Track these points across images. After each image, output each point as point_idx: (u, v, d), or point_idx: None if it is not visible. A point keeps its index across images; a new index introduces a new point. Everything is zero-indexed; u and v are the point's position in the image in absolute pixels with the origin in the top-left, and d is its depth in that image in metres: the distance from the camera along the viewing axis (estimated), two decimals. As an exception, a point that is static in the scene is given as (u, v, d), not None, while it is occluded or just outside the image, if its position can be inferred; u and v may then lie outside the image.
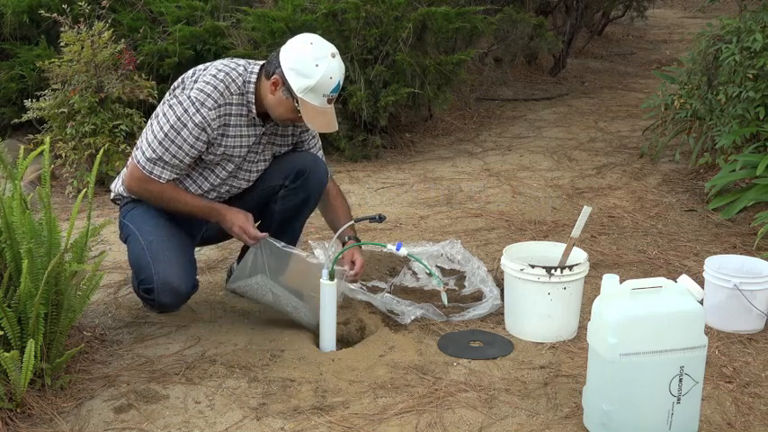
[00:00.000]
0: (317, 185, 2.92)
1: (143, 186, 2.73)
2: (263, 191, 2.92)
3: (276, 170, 2.90)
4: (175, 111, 2.65)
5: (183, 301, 2.86)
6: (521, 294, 2.78)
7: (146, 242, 2.73)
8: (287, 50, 2.66)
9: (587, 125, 6.04)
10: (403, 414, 2.34)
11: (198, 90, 2.65)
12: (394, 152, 5.32)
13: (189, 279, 2.76)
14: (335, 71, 2.63)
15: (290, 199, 2.90)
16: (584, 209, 2.73)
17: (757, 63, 4.07)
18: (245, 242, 2.81)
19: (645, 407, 2.17)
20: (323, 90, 2.62)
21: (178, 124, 2.64)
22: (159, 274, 2.68)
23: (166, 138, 2.65)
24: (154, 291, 2.71)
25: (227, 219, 2.77)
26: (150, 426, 2.29)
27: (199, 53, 5.19)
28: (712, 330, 2.82)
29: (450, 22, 5.21)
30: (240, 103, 2.71)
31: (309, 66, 2.60)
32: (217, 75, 2.68)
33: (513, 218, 4.01)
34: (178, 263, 2.73)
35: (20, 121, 4.62)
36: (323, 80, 2.60)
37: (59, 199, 4.32)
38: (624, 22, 10.05)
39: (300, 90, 2.62)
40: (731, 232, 3.82)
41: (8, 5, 5.31)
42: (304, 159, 2.91)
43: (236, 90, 2.70)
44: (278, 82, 2.65)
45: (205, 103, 2.64)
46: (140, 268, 2.75)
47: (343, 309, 2.93)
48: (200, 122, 2.64)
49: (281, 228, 2.93)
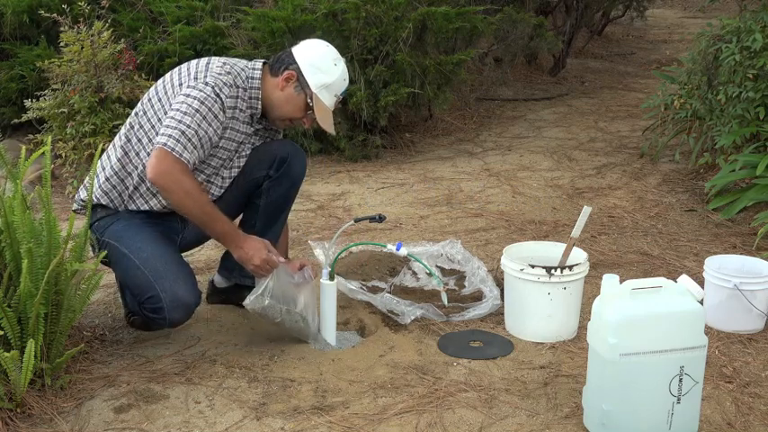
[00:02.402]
0: (301, 170, 2.89)
1: (176, 177, 2.50)
2: (247, 184, 2.83)
3: (257, 162, 2.83)
4: (197, 95, 2.56)
5: (192, 313, 2.70)
6: (521, 294, 2.78)
7: (140, 260, 2.58)
8: (303, 49, 2.70)
9: (587, 125, 6.04)
10: (403, 414, 2.34)
11: (214, 76, 2.60)
12: (394, 152, 5.32)
13: (195, 290, 2.63)
14: (347, 74, 2.73)
15: (275, 190, 2.84)
16: (584, 209, 2.73)
17: (757, 63, 4.07)
18: (260, 273, 2.63)
19: (645, 407, 2.17)
20: (336, 89, 2.69)
21: (203, 107, 2.55)
22: (167, 292, 2.54)
23: (193, 120, 2.53)
24: (164, 309, 2.55)
25: (244, 249, 2.60)
26: (150, 426, 2.29)
27: (199, 53, 5.19)
28: (712, 330, 2.82)
29: (450, 22, 5.22)
30: (242, 98, 2.68)
31: (329, 63, 2.67)
32: (224, 67, 2.64)
33: (513, 218, 4.01)
34: (181, 276, 2.60)
35: (20, 121, 4.63)
36: (339, 79, 2.68)
37: (59, 199, 4.33)
38: (624, 22, 10.06)
39: (317, 86, 2.65)
40: (731, 232, 3.82)
41: (8, 5, 5.32)
42: (283, 146, 2.87)
43: (241, 84, 2.67)
44: (292, 77, 2.65)
45: (223, 90, 2.60)
46: (142, 288, 2.58)
47: (343, 309, 2.93)
48: (221, 105, 2.59)
49: (269, 222, 2.86)
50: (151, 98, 2.69)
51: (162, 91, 2.67)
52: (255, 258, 2.60)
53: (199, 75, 2.62)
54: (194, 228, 2.78)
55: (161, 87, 2.69)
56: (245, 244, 2.61)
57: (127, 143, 2.70)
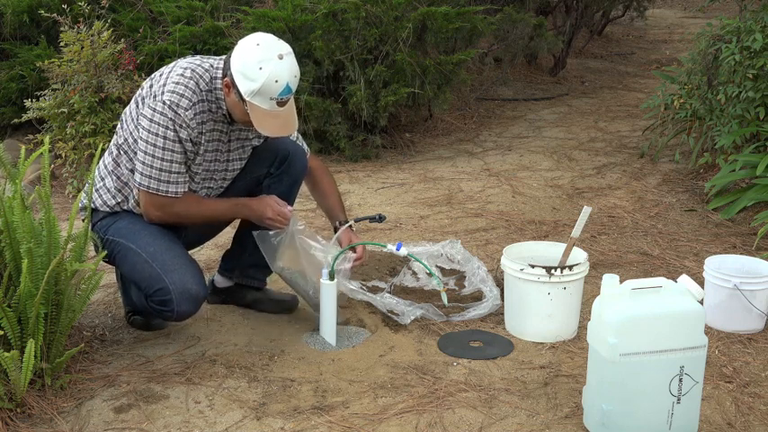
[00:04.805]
0: (302, 168, 2.88)
1: (168, 211, 2.64)
2: (247, 182, 2.84)
3: (258, 159, 2.83)
4: (155, 121, 2.56)
5: (200, 307, 2.71)
6: (521, 294, 2.78)
7: (147, 254, 2.61)
8: (236, 52, 2.57)
9: (587, 125, 6.04)
10: (403, 414, 2.34)
11: (170, 92, 2.56)
12: (394, 152, 5.32)
13: (203, 283, 2.66)
14: (282, 73, 2.49)
15: (275, 187, 2.83)
16: (584, 209, 2.73)
17: (757, 63, 4.07)
18: (277, 226, 2.73)
19: (645, 407, 2.17)
20: (269, 93, 2.50)
21: (165, 137, 2.56)
22: (176, 284, 2.57)
23: (161, 152, 2.56)
24: (172, 301, 2.57)
25: (254, 209, 2.72)
26: (150, 426, 2.29)
27: (199, 53, 5.19)
28: (712, 330, 2.82)
29: (450, 22, 5.21)
30: (209, 100, 2.63)
31: (253, 68, 2.49)
32: (183, 74, 2.60)
33: (513, 218, 4.01)
34: (189, 269, 2.63)
35: (20, 121, 4.62)
36: (268, 83, 2.48)
37: (59, 199, 4.32)
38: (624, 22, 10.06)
39: (247, 94, 2.51)
40: (731, 232, 3.82)
41: (8, 5, 5.32)
42: (285, 144, 2.86)
43: (205, 86, 2.62)
44: (228, 85, 2.58)
45: (180, 104, 2.56)
46: (150, 281, 2.60)
47: (343, 309, 2.94)
48: (181, 123, 2.56)
49: None
50: (132, 111, 2.69)
51: (141, 103, 2.65)
52: (268, 211, 2.70)
53: (158, 91, 2.59)
54: (195, 227, 2.79)
55: (139, 99, 2.67)
56: (254, 203, 2.73)
57: (118, 156, 2.72)
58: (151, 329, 2.85)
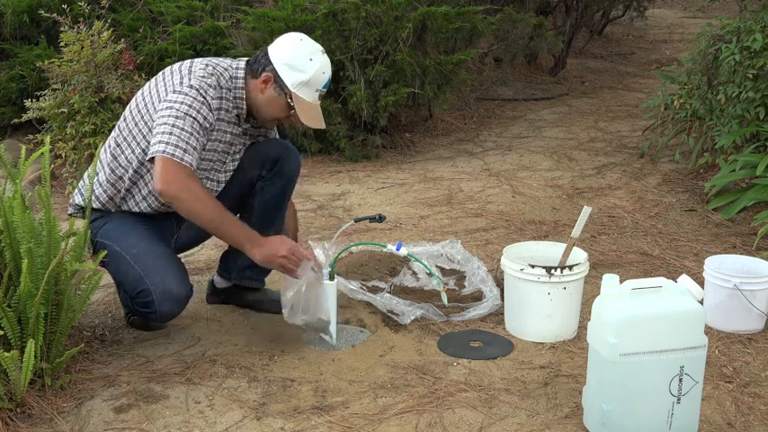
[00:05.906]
0: (295, 168, 2.88)
1: (182, 184, 2.48)
2: (240, 185, 2.83)
3: (250, 161, 2.83)
4: (184, 99, 2.55)
5: (183, 307, 2.71)
6: (521, 294, 2.78)
7: (130, 256, 2.61)
8: (277, 48, 2.65)
9: (587, 125, 6.04)
10: (403, 414, 2.34)
11: (198, 79, 2.59)
12: (394, 152, 5.32)
13: (186, 283, 2.65)
14: (327, 66, 2.66)
15: (268, 190, 2.83)
16: (584, 209, 2.73)
17: (757, 63, 4.07)
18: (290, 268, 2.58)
19: (645, 407, 2.17)
20: (316, 85, 2.63)
21: (192, 110, 2.54)
22: (156, 285, 2.56)
23: (186, 123, 2.52)
24: (154, 303, 2.57)
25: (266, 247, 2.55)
26: (150, 426, 2.29)
27: (199, 53, 5.20)
28: (712, 330, 2.82)
29: (450, 22, 5.22)
30: (227, 98, 2.66)
31: (303, 60, 2.61)
32: (206, 68, 2.63)
33: (513, 218, 4.01)
34: (171, 270, 2.63)
35: (20, 121, 4.63)
36: (317, 74, 2.62)
37: (59, 199, 4.33)
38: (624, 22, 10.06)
39: (295, 85, 2.61)
40: (731, 232, 3.82)
41: (8, 5, 5.33)
42: (276, 146, 2.87)
43: (225, 84, 2.65)
44: (269, 79, 2.62)
45: (208, 91, 2.59)
46: (133, 283, 2.60)
47: (343, 309, 2.94)
48: (209, 107, 2.58)
49: (265, 222, 2.84)
50: (138, 104, 2.68)
51: (148, 97, 2.66)
52: (282, 250, 2.54)
53: (183, 79, 2.61)
54: (190, 228, 2.77)
55: (147, 93, 2.67)
56: (266, 241, 2.57)
57: (117, 148, 2.71)
58: (151, 329, 2.85)
